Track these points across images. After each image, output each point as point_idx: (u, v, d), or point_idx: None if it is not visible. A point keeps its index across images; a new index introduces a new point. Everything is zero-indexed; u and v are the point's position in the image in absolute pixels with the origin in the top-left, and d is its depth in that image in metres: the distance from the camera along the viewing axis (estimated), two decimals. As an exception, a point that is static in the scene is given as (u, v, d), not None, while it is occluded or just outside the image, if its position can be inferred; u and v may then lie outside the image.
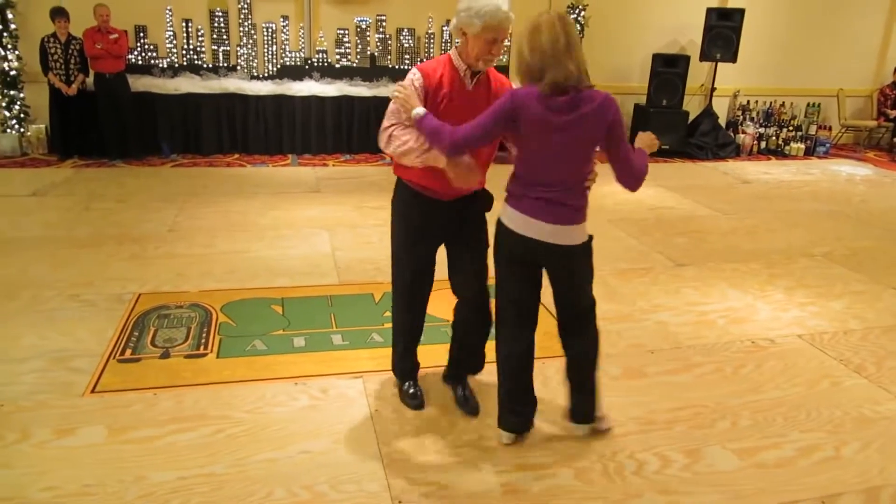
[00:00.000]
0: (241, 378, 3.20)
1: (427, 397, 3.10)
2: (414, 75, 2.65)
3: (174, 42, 8.06)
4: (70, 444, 2.68)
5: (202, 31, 8.15)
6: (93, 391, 3.04)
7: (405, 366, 3.12)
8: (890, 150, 10.37)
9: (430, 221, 2.82)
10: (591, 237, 2.65)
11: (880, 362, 3.60)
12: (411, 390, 3.08)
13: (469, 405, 3.03)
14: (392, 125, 2.64)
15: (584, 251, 2.63)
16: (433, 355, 3.48)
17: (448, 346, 3.17)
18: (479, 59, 2.59)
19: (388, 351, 3.48)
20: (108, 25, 7.26)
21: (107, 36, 7.24)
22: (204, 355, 3.40)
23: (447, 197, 2.74)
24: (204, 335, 3.59)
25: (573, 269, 2.66)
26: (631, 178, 2.59)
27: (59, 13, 7.18)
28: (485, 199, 2.88)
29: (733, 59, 9.14)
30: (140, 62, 7.97)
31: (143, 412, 2.90)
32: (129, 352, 3.39)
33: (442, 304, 4.09)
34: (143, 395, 3.02)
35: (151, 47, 8.01)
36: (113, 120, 7.46)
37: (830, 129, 10.50)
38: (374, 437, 2.80)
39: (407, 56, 8.68)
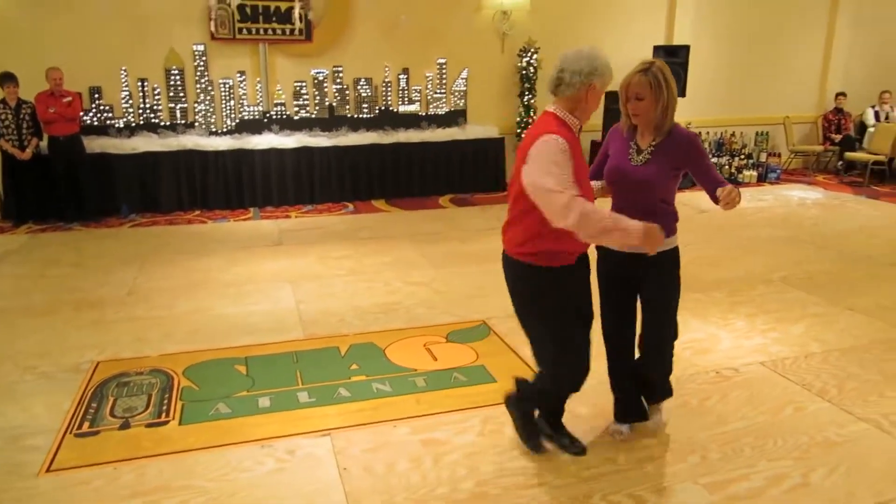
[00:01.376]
0: (205, 444, 3.12)
1: (393, 450, 3.06)
2: (560, 143, 2.52)
3: (130, 101, 8.05)
4: (26, 527, 2.58)
5: (158, 90, 8.15)
6: (48, 470, 2.93)
7: None
8: (838, 173, 10.72)
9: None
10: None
11: (841, 384, 3.66)
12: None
13: (575, 446, 3.07)
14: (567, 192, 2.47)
15: None
16: (404, 406, 3.46)
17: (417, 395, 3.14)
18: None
19: (357, 405, 3.46)
20: (60, 89, 7.22)
21: (60, 99, 7.19)
22: (165, 423, 3.32)
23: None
24: (165, 402, 3.51)
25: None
26: None
27: (6, 78, 7.11)
28: None
29: (682, 93, 9.39)
30: (96, 123, 7.92)
31: (102, 488, 2.80)
32: (86, 425, 3.29)
33: (404, 353, 4.08)
34: (102, 471, 2.92)
35: (107, 108, 7.98)
36: (69, 183, 7.37)
37: (780, 155, 10.84)
38: (343, 498, 2.74)
39: (365, 105, 8.77)
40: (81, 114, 7.64)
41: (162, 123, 8.18)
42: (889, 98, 10.64)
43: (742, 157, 10.35)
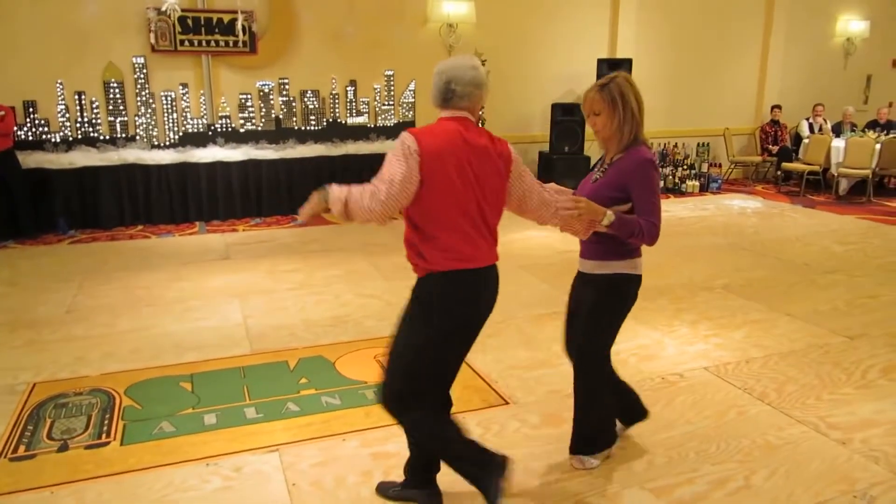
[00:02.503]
0: (148, 465, 3.03)
1: (343, 464, 3.02)
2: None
3: (67, 115, 7.81)
4: (-45, 558, 2.46)
5: (97, 103, 7.94)
6: (-19, 496, 2.81)
7: None
8: (775, 183, 11.11)
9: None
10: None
11: (781, 388, 3.78)
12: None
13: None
14: None
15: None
16: (354, 419, 3.43)
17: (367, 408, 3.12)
18: None
19: (306, 420, 3.41)
20: (-8, 103, 6.98)
21: (-9, 114, 6.95)
22: (106, 444, 3.21)
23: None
24: (106, 422, 3.40)
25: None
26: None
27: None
28: None
29: (626, 105, 9.62)
30: (31, 138, 7.66)
31: (38, 513, 2.70)
32: (22, 448, 3.16)
33: (354, 365, 4.05)
34: (38, 495, 2.81)
35: (42, 122, 7.72)
36: (2, 200, 7.10)
37: (720, 165, 11.19)
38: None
39: (313, 117, 8.72)
40: (15, 128, 7.38)
41: (101, 137, 7.96)
42: (822, 111, 11.11)
43: (685, 167, 10.64)
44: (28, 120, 7.67)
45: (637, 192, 2.67)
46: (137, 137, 8.07)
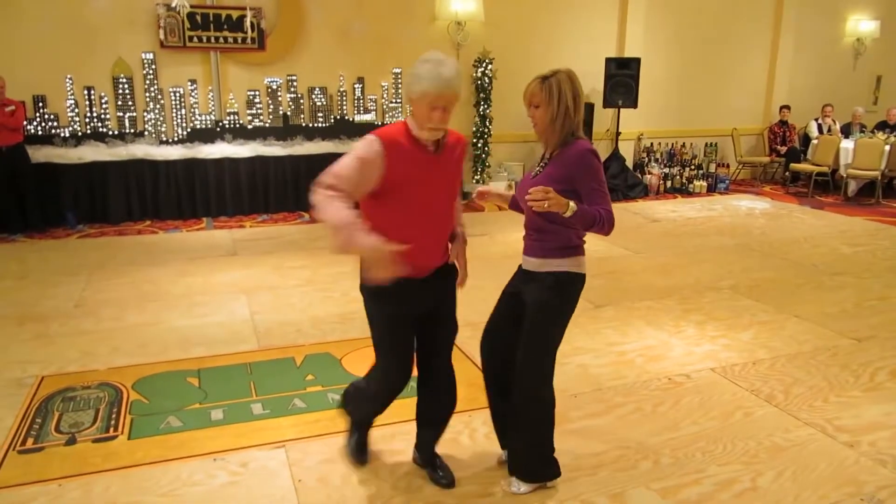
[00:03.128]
0: (155, 459, 3.04)
1: (345, 459, 3.03)
2: (370, 141, 2.45)
3: (76, 110, 7.84)
4: (-36, 549, 2.48)
5: (106, 98, 7.97)
6: (-10, 488, 2.83)
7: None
8: (784, 184, 11.06)
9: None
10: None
11: (788, 390, 3.77)
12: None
13: (447, 477, 2.90)
14: None
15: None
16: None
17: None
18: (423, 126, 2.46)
19: (313, 416, 3.42)
20: (3, 97, 6.99)
21: (2, 109, 6.95)
22: (114, 438, 3.22)
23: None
24: (114, 416, 3.42)
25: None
26: None
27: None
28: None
29: (634, 104, 9.61)
30: (40, 132, 7.69)
31: (46, 506, 2.72)
32: (30, 441, 3.18)
33: (361, 362, 4.05)
34: (46, 488, 2.83)
35: (52, 117, 7.75)
36: (11, 194, 7.14)
37: (728, 166, 11.15)
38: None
39: (320, 114, 8.72)
40: (25, 123, 7.41)
41: (110, 132, 7.98)
42: (831, 111, 11.05)
43: (692, 167, 10.61)
44: (37, 114, 7.70)
45: (583, 181, 2.57)
46: (146, 133, 8.10)
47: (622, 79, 9.53)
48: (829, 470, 3.00)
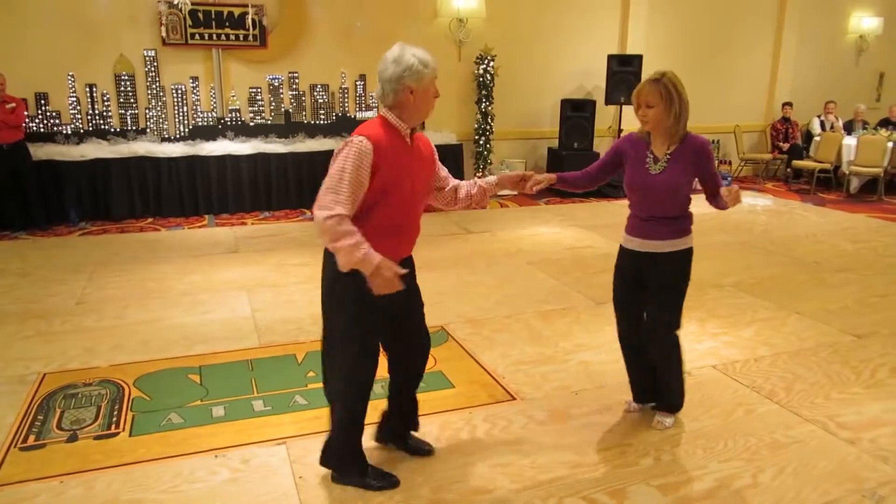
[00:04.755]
0: (156, 456, 3.05)
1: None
2: (361, 144, 2.48)
3: (78, 108, 7.85)
4: (-34, 545, 2.48)
5: (108, 96, 7.98)
6: (-8, 485, 2.83)
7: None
8: (786, 181, 11.05)
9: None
10: None
11: (789, 387, 3.76)
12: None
13: (424, 448, 3.09)
14: None
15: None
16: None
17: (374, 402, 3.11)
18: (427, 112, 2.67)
19: (313, 413, 3.43)
20: (4, 94, 6.99)
21: (3, 106, 6.96)
22: (115, 435, 3.23)
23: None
24: (115, 413, 3.42)
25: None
26: None
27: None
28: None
29: (636, 101, 9.58)
30: (42, 129, 7.71)
31: (48, 503, 2.72)
32: (32, 438, 3.19)
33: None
34: (48, 485, 2.83)
35: (54, 114, 7.77)
36: (13, 191, 7.15)
37: (730, 163, 11.14)
38: (299, 507, 2.71)
39: (322, 111, 8.72)
40: (27, 120, 7.42)
41: (112, 130, 8.00)
42: (833, 108, 11.02)
43: (694, 164, 10.58)
44: (39, 112, 7.71)
45: (707, 167, 3.08)
46: (148, 130, 8.11)
47: (624, 76, 9.51)
48: (830, 467, 2.99)
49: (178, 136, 8.20)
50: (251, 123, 8.48)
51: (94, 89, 7.90)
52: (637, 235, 3.17)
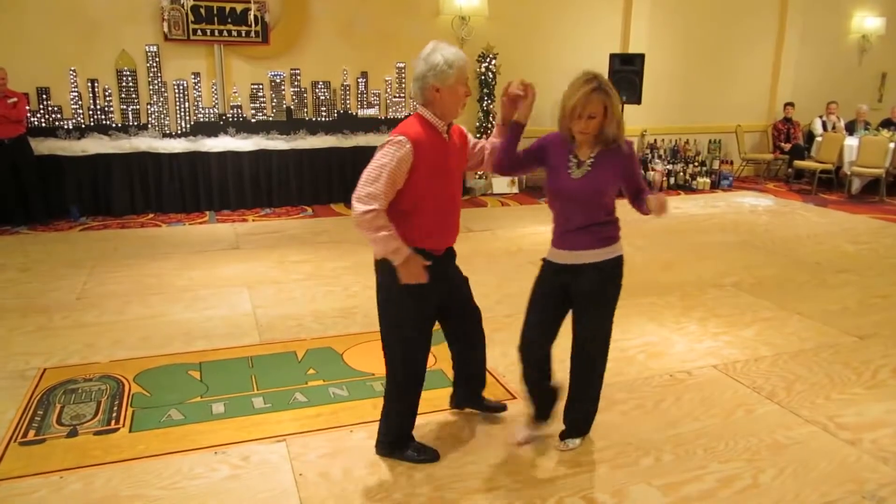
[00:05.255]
0: (156, 452, 3.05)
1: (350, 455, 3.03)
2: (400, 142, 2.60)
3: (79, 103, 7.84)
4: (-35, 540, 2.48)
5: (109, 91, 7.97)
6: (-8, 479, 2.83)
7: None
8: (787, 181, 11.03)
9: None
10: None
11: (790, 387, 3.76)
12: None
13: (496, 405, 3.40)
14: None
15: None
16: (361, 411, 3.44)
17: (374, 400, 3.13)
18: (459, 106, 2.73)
19: (314, 410, 3.42)
20: (5, 89, 6.98)
21: (4, 100, 6.95)
22: (115, 430, 3.23)
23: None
24: (115, 409, 3.42)
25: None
26: None
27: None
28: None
29: (638, 100, 9.57)
30: (43, 124, 7.70)
31: (48, 498, 2.72)
32: (32, 433, 3.18)
33: (362, 357, 4.06)
34: (48, 480, 2.83)
35: (55, 109, 7.76)
36: (14, 186, 7.15)
37: (732, 163, 11.11)
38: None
39: (324, 108, 8.71)
40: (28, 115, 7.41)
41: (113, 125, 7.99)
42: (835, 109, 11.00)
43: (696, 164, 10.58)
44: (41, 107, 7.70)
45: (635, 171, 2.91)
46: (149, 126, 8.10)
47: (626, 75, 9.49)
48: (830, 467, 2.99)
49: (179, 131, 8.19)
50: (253, 120, 8.47)
51: (96, 84, 7.89)
52: (563, 247, 2.91)
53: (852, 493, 2.81)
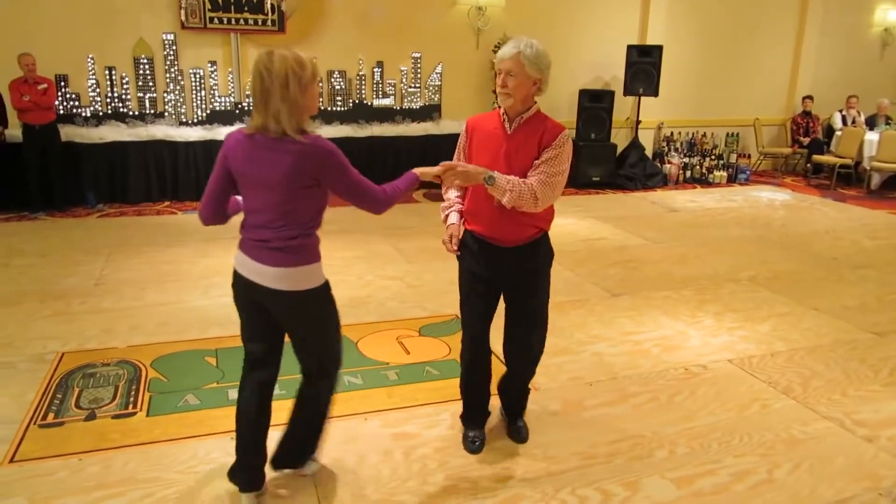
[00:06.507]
0: (173, 436, 3.08)
1: (364, 443, 3.05)
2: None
3: (97, 90, 7.89)
4: (-14, 519, 2.52)
5: (127, 79, 8.01)
6: (12, 460, 2.87)
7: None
8: (805, 175, 10.93)
9: None
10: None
11: (806, 383, 3.74)
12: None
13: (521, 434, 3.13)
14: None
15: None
16: (376, 399, 3.45)
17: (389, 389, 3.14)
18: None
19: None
20: (34, 75, 7.04)
21: (34, 87, 7.00)
22: (133, 414, 3.26)
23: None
24: (133, 393, 3.46)
25: (293, 316, 2.56)
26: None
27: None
28: None
29: (655, 93, 9.51)
30: (62, 111, 7.75)
31: (67, 479, 2.75)
32: (51, 416, 3.23)
33: (376, 346, 4.07)
34: (67, 462, 2.87)
35: (73, 96, 7.81)
36: (38, 172, 7.21)
37: (749, 156, 11.02)
38: (313, 490, 2.73)
39: (339, 98, 8.72)
40: (55, 102, 7.47)
41: (130, 113, 8.03)
42: (856, 103, 10.87)
43: (713, 157, 10.50)
44: (60, 94, 7.75)
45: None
46: (166, 114, 8.14)
47: (643, 66, 9.43)
48: (846, 464, 2.97)
49: (195, 120, 8.23)
50: (268, 109, 8.46)
51: (114, 72, 7.93)
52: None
53: (868, 491, 2.79)
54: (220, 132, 8.10)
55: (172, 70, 8.08)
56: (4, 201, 7.30)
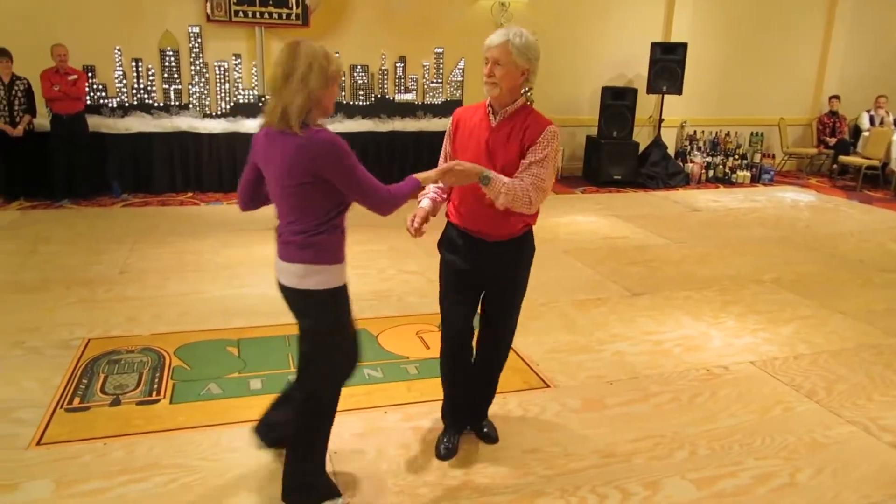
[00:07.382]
0: (196, 424, 3.11)
1: (384, 435, 3.07)
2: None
3: (124, 82, 7.97)
4: (14, 500, 2.56)
5: (153, 71, 8.08)
6: (38, 443, 2.92)
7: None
8: (831, 177, 10.78)
9: None
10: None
11: (830, 386, 3.69)
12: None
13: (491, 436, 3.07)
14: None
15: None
16: (395, 393, 3.46)
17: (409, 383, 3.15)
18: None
19: (348, 391, 3.43)
20: (66, 66, 7.14)
21: (65, 77, 7.12)
22: (157, 401, 3.31)
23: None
24: (156, 380, 3.50)
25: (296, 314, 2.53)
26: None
27: (1, 54, 7.03)
28: None
29: (679, 91, 9.43)
30: (89, 102, 7.83)
31: (92, 463, 2.80)
32: (77, 400, 3.28)
33: (396, 340, 4.09)
34: (92, 446, 2.91)
35: (100, 87, 7.89)
36: (65, 161, 7.32)
37: (774, 156, 10.90)
38: (332, 479, 2.74)
39: (361, 92, 8.73)
40: (85, 93, 7.56)
41: (156, 104, 8.11)
42: (885, 103, 10.68)
43: (736, 157, 10.39)
44: (87, 85, 7.84)
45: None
46: (190, 106, 8.20)
47: (667, 64, 9.35)
48: (871, 469, 2.94)
49: (219, 112, 8.28)
50: (291, 102, 8.50)
51: (140, 63, 8.01)
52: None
53: (893, 497, 2.76)
54: (244, 125, 8.16)
55: (197, 62, 8.15)
56: (33, 189, 7.41)
